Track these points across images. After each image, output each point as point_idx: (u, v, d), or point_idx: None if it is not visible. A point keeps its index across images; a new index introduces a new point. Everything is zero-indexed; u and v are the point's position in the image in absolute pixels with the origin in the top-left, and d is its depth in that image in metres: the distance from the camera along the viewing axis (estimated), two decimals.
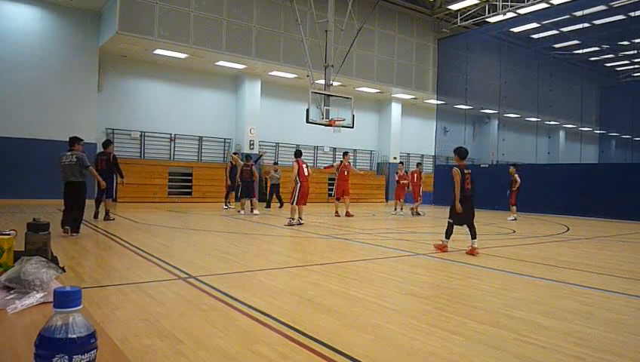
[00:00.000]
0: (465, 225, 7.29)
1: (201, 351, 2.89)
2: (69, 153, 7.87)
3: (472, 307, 4.16)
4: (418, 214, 14.93)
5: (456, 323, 3.66)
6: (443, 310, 4.04)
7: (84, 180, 7.92)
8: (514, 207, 14.36)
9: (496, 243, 8.76)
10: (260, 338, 3.19)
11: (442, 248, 7.33)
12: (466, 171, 7.25)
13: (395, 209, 15.41)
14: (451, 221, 7.28)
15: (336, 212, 13.55)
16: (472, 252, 7.06)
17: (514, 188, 14.24)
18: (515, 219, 14.29)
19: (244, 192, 13.56)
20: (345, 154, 14.27)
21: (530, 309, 4.14)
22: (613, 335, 3.49)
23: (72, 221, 7.71)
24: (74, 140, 8.01)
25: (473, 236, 7.17)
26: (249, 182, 13.42)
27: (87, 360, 0.74)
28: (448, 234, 7.31)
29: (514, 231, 11.11)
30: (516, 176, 14.19)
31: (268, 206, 16.57)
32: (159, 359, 2.77)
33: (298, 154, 11.36)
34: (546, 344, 3.22)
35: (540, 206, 15.43)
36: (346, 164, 13.90)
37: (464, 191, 7.14)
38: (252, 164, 13.74)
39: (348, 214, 13.43)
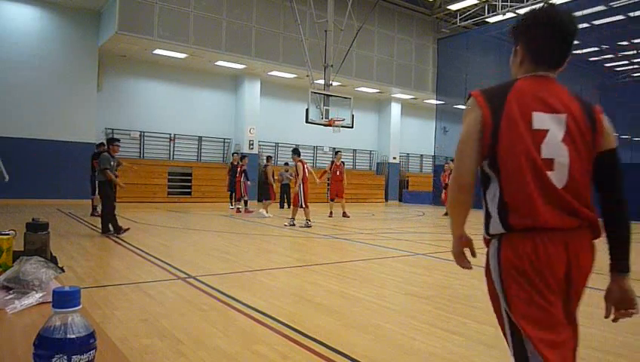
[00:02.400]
0: None
1: (201, 351, 2.89)
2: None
3: (472, 307, 4.16)
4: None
5: (456, 323, 3.66)
6: (443, 310, 4.04)
7: (104, 180, 8.20)
8: None
9: None
10: (260, 338, 3.19)
11: None
12: None
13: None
14: None
15: (332, 213, 13.50)
16: None
17: None
18: None
19: (261, 194, 13.49)
20: (336, 153, 14.16)
21: None
22: (613, 335, 3.49)
23: (102, 224, 8.15)
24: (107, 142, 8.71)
25: None
26: (267, 184, 13.23)
27: (87, 360, 0.74)
28: None
29: None
30: None
31: (282, 206, 16.61)
32: (159, 359, 2.77)
33: (298, 152, 10.95)
34: None
35: None
36: (338, 163, 13.58)
37: None
38: (267, 165, 13.64)
39: (345, 214, 13.38)
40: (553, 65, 1.64)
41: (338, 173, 13.50)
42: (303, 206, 10.61)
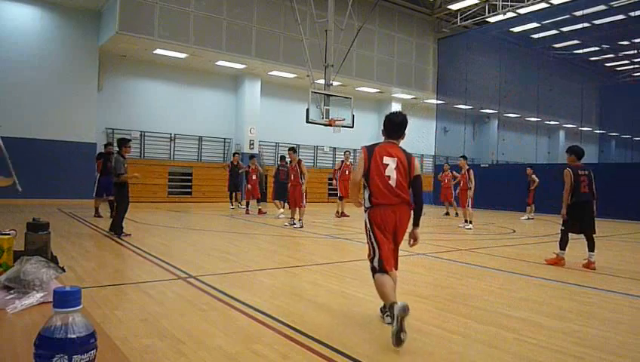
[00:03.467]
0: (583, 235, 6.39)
1: (201, 351, 2.89)
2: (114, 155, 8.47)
3: (472, 307, 4.16)
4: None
5: (456, 323, 3.66)
6: (443, 310, 4.04)
7: (120, 181, 8.13)
8: (529, 207, 14.61)
9: (496, 243, 8.76)
10: (260, 338, 3.19)
11: (557, 262, 6.32)
12: (581, 172, 6.36)
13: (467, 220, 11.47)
14: (564, 228, 6.42)
15: (339, 212, 13.54)
16: (587, 266, 6.23)
17: (532, 188, 14.48)
18: (529, 219, 14.47)
19: (277, 194, 13.06)
20: (345, 153, 14.28)
21: (530, 309, 4.14)
22: (613, 335, 3.49)
23: (111, 223, 8.10)
24: (118, 143, 8.42)
25: (591, 248, 6.28)
26: (284, 183, 12.62)
27: (87, 359, 0.74)
28: (563, 244, 6.37)
29: (514, 231, 11.11)
30: (534, 176, 14.47)
31: (283, 206, 16.56)
32: (159, 359, 2.77)
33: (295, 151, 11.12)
34: (546, 344, 3.22)
35: (540, 205, 15.41)
36: (348, 163, 13.85)
37: (578, 195, 6.28)
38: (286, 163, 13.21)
39: (343, 214, 13.43)
40: (395, 138, 3.76)
41: (347, 173, 13.64)
42: (303, 205, 10.70)
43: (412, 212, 3.59)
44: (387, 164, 3.56)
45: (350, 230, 10.44)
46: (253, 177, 13.90)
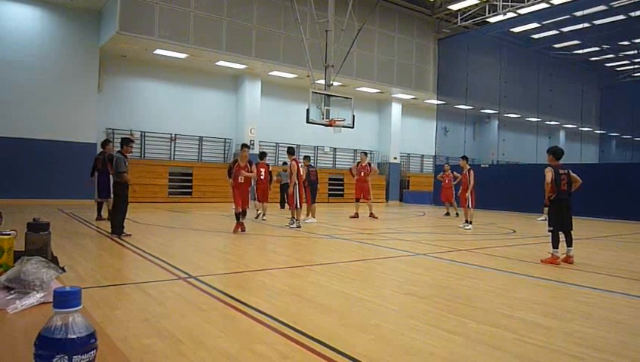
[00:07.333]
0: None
1: (201, 351, 2.89)
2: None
3: (472, 307, 4.16)
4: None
5: (456, 323, 3.66)
6: (443, 310, 4.04)
7: (120, 181, 8.15)
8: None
9: (496, 243, 8.76)
10: (260, 338, 3.19)
11: (553, 261, 6.52)
12: (561, 171, 6.64)
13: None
14: (552, 229, 6.71)
15: (356, 213, 13.39)
16: (566, 260, 6.54)
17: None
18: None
19: (313, 197, 12.05)
20: (364, 154, 14.08)
21: (530, 309, 4.14)
22: (613, 335, 3.49)
23: (111, 223, 8.12)
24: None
25: (569, 243, 6.63)
26: (315, 183, 11.97)
27: (87, 360, 0.74)
28: (555, 243, 6.64)
29: (514, 231, 11.11)
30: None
31: (282, 206, 16.54)
32: (159, 359, 2.77)
33: (293, 152, 10.95)
34: (546, 344, 3.22)
35: (540, 206, 15.41)
36: (364, 165, 13.63)
37: (559, 193, 6.58)
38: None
39: (372, 215, 13.26)
40: (263, 159, 12.08)
41: (363, 174, 13.48)
42: (298, 206, 10.57)
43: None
44: (262, 171, 11.27)
45: (350, 230, 10.45)
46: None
